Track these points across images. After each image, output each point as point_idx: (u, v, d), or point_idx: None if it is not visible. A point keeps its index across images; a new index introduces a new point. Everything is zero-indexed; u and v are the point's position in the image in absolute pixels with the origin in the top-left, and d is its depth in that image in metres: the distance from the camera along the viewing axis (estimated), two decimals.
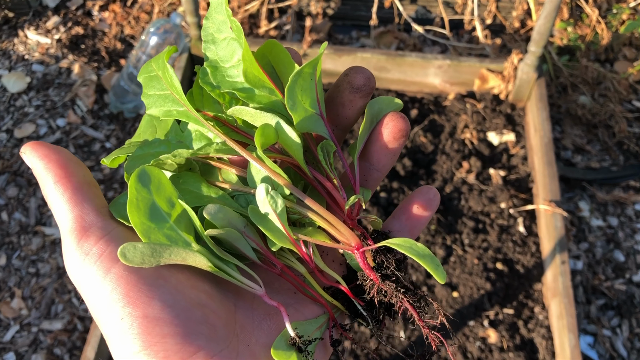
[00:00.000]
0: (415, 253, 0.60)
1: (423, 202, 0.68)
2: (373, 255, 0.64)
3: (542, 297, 2.05)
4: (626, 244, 2.31)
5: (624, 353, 2.07)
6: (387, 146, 0.66)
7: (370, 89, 0.66)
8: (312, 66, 0.62)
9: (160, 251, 0.55)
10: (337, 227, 0.63)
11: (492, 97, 2.50)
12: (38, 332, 2.17)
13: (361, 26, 3.02)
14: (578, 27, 2.85)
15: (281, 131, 0.61)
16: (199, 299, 0.57)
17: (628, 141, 2.57)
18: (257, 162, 0.61)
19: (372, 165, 0.68)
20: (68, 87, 2.81)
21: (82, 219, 0.57)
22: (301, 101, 0.62)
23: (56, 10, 3.11)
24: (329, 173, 0.65)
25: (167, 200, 0.59)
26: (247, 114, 0.62)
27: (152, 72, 0.67)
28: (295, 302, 0.66)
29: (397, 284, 0.63)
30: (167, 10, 3.00)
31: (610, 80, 2.69)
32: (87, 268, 0.55)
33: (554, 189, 2.13)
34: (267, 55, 0.65)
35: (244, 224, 0.62)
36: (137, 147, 0.65)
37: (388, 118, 0.66)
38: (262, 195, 0.60)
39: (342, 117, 0.68)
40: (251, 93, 0.63)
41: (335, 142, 0.66)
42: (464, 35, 2.96)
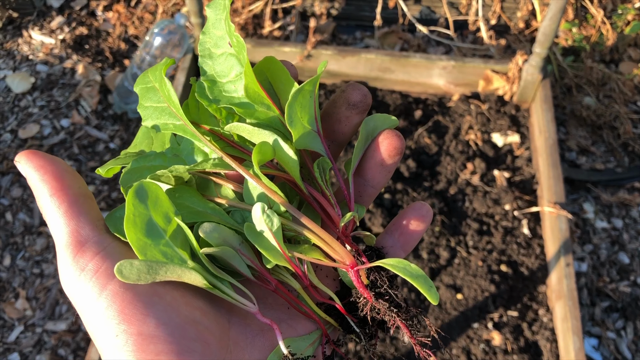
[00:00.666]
0: (408, 274, 0.61)
1: (416, 218, 0.68)
2: (367, 273, 0.65)
3: (546, 300, 2.04)
4: (631, 246, 2.31)
5: (629, 355, 2.06)
6: (382, 163, 0.67)
7: (366, 106, 0.66)
8: (312, 84, 0.63)
9: (157, 268, 0.56)
10: (332, 246, 0.63)
11: (496, 98, 2.50)
12: (42, 333, 2.18)
13: (365, 26, 3.01)
14: (583, 28, 2.84)
15: (278, 148, 0.62)
16: (193, 316, 0.57)
17: (633, 142, 2.56)
18: (253, 180, 0.62)
19: (367, 181, 0.69)
20: (72, 87, 2.81)
21: (78, 233, 0.57)
22: (300, 118, 0.63)
23: (60, 10, 3.11)
24: (325, 190, 0.66)
25: (164, 216, 0.59)
26: (244, 130, 0.62)
27: (149, 83, 0.67)
28: (288, 317, 0.66)
29: (390, 303, 0.64)
30: (171, 10, 3.00)
31: (615, 81, 2.68)
32: (83, 284, 0.55)
33: (558, 191, 2.12)
34: (265, 71, 0.66)
35: (239, 242, 0.63)
36: (132, 158, 0.66)
37: (383, 135, 0.66)
38: (258, 214, 0.61)
39: (338, 133, 0.68)
40: (249, 109, 0.64)
41: (331, 159, 0.66)
42: (468, 35, 2.96)
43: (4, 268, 2.32)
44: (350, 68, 2.54)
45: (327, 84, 2.59)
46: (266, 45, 2.53)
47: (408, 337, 0.64)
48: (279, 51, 2.53)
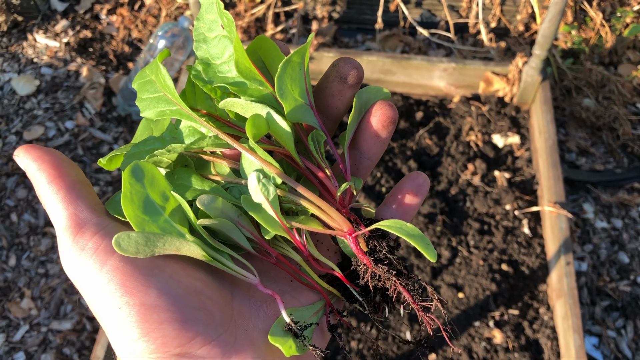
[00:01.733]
0: (405, 233, 0.61)
1: (412, 188, 0.69)
2: (366, 240, 0.65)
3: (547, 298, 2.06)
4: (630, 246, 2.33)
5: (629, 354, 2.08)
6: (376, 134, 0.67)
7: (358, 79, 0.67)
8: (300, 55, 0.63)
9: (154, 240, 0.56)
10: (329, 214, 0.64)
11: (496, 100, 2.52)
12: (47, 332, 2.20)
13: (366, 30, 3.04)
14: (582, 30, 2.87)
15: (272, 121, 0.62)
16: (195, 286, 0.58)
17: (632, 143, 2.58)
18: (249, 153, 0.62)
19: (363, 153, 0.69)
20: (76, 89, 2.83)
21: (77, 216, 0.58)
22: (291, 90, 0.63)
23: (65, 14, 3.14)
24: (320, 162, 0.66)
25: (161, 195, 0.60)
26: (238, 105, 0.63)
27: (145, 77, 0.69)
28: (291, 289, 0.67)
29: (390, 267, 0.64)
30: (175, 14, 3.03)
31: (615, 83, 2.70)
32: (84, 262, 0.56)
33: (558, 191, 2.14)
34: (257, 51, 0.66)
35: (237, 214, 0.63)
36: (132, 146, 0.67)
37: (376, 106, 0.67)
38: (254, 184, 0.61)
39: (331, 107, 0.69)
40: (242, 86, 0.64)
41: (325, 131, 0.67)
42: (468, 38, 2.98)
43: (9, 268, 2.34)
44: None
45: None
46: None
47: (410, 302, 0.64)
48: None
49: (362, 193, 2.22)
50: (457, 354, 1.95)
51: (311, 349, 0.62)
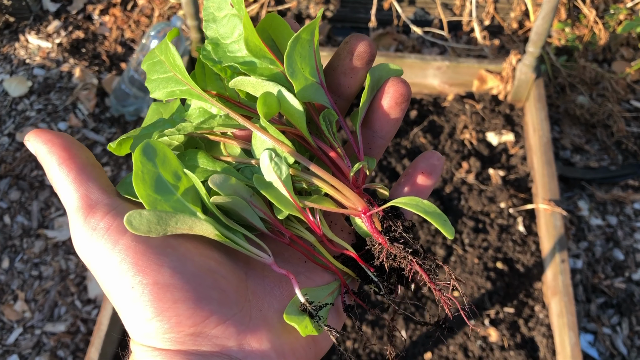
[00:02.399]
0: (422, 210, 0.60)
1: (427, 167, 0.68)
2: (380, 220, 0.64)
3: (542, 296, 2.06)
4: (625, 243, 2.33)
5: (624, 351, 2.08)
6: (389, 112, 0.66)
7: (371, 56, 0.65)
8: (309, 32, 0.61)
9: (167, 219, 0.55)
10: (343, 192, 0.63)
11: (490, 98, 2.52)
12: (41, 335, 2.19)
13: (360, 28, 3.03)
14: (576, 27, 2.87)
15: (283, 100, 0.61)
16: (209, 265, 0.57)
17: (626, 140, 2.58)
18: (260, 132, 0.61)
19: (375, 132, 0.68)
20: (69, 90, 2.82)
21: (88, 197, 0.57)
22: (301, 69, 0.62)
23: (57, 14, 3.12)
24: (333, 142, 0.65)
25: (173, 174, 0.59)
26: (248, 84, 0.62)
27: (155, 58, 0.68)
28: (306, 270, 0.66)
29: (406, 246, 0.63)
30: (168, 13, 3.01)
31: (608, 80, 2.70)
32: (95, 242, 0.55)
33: (553, 189, 2.14)
34: (268, 29, 0.65)
35: (250, 194, 0.62)
36: (142, 128, 0.66)
37: (389, 83, 0.65)
38: (266, 162, 0.60)
39: (343, 86, 0.67)
40: (253, 65, 0.63)
41: (337, 110, 0.65)
42: (462, 36, 2.98)
43: (2, 271, 2.33)
44: None
45: None
46: None
47: (427, 281, 0.62)
48: None
49: None
50: (452, 353, 1.94)
51: (326, 329, 0.61)
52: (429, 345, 1.96)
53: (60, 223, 2.43)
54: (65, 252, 2.36)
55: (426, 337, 1.96)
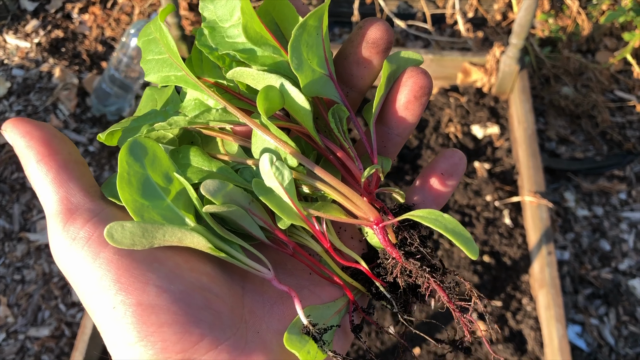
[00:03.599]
0: (442, 226, 0.53)
1: (448, 167, 0.61)
2: (395, 231, 0.58)
3: (529, 289, 2.06)
4: (612, 233, 2.33)
5: (612, 341, 2.08)
6: (408, 107, 0.59)
7: (388, 43, 0.58)
8: (317, 18, 0.55)
9: (153, 231, 0.50)
10: (352, 200, 0.56)
11: (475, 91, 2.51)
12: (25, 340, 2.15)
13: (343, 22, 3.01)
14: (559, 18, 2.86)
15: (287, 95, 0.55)
16: (200, 282, 0.52)
17: (611, 131, 2.58)
18: (261, 130, 0.55)
19: (391, 129, 0.61)
20: (49, 91, 2.78)
21: (69, 200, 0.52)
22: (307, 60, 0.55)
23: (35, 13, 3.08)
24: (343, 142, 0.58)
25: (164, 176, 0.53)
26: (248, 76, 0.55)
27: (150, 34, 0.62)
28: (310, 283, 0.60)
29: (423, 262, 0.56)
30: (148, 11, 2.97)
31: (592, 70, 2.70)
32: (75, 253, 0.50)
33: (538, 181, 2.13)
34: (271, 11, 0.58)
35: (248, 200, 0.56)
36: (132, 119, 0.60)
37: (407, 74, 0.58)
38: (267, 167, 0.54)
39: (356, 77, 0.60)
40: (253, 54, 0.56)
41: (347, 106, 0.58)
42: (446, 29, 2.97)
43: None
44: None
45: None
46: None
47: (446, 301, 0.57)
48: None
49: None
50: (440, 347, 1.93)
51: (331, 354, 0.55)
52: (417, 340, 1.95)
53: (42, 226, 2.39)
54: (48, 255, 2.32)
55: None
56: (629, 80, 2.72)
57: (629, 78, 2.73)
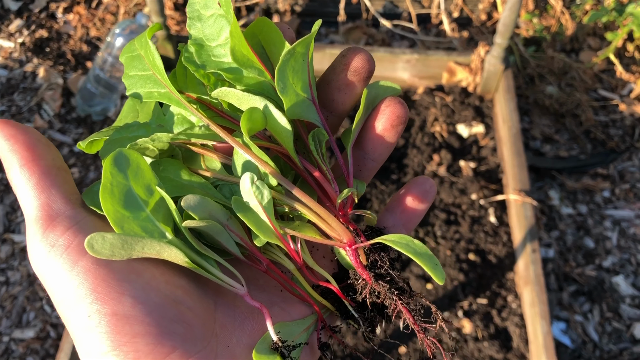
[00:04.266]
0: (412, 251, 0.56)
1: (419, 194, 0.64)
2: (366, 253, 0.60)
3: (514, 286, 2.07)
4: (595, 231, 2.35)
5: (596, 337, 2.10)
6: (384, 134, 0.62)
7: (369, 73, 0.61)
8: (305, 45, 0.57)
9: (132, 243, 0.51)
10: (327, 222, 0.59)
11: (460, 90, 2.52)
12: (10, 342, 2.13)
13: (330, 22, 3.02)
14: (543, 18, 2.89)
15: (270, 116, 0.57)
16: (175, 295, 0.53)
17: (595, 129, 2.61)
18: (243, 149, 0.57)
19: (367, 154, 0.64)
20: (34, 91, 2.76)
21: (49, 206, 0.52)
22: (292, 84, 0.58)
23: (19, 13, 3.05)
24: (321, 164, 0.61)
25: (146, 187, 0.54)
26: (233, 96, 0.57)
27: (134, 51, 0.63)
28: (281, 300, 0.61)
29: (392, 285, 0.59)
30: (133, 11, 2.96)
31: (576, 70, 2.73)
32: (53, 260, 0.51)
33: (523, 179, 2.15)
34: (258, 34, 0.60)
35: (226, 217, 0.58)
36: (114, 130, 0.61)
37: (385, 103, 0.61)
38: (247, 186, 0.56)
39: (337, 102, 0.63)
40: (239, 74, 0.58)
41: (328, 130, 0.61)
42: (431, 29, 2.98)
43: None
44: (316, 63, 2.53)
45: None
46: None
47: (411, 323, 0.59)
48: None
49: None
50: None
51: None
52: (403, 339, 1.95)
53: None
54: None
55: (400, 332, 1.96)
56: (612, 79, 2.75)
57: (612, 77, 2.76)
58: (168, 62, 2.51)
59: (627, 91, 2.72)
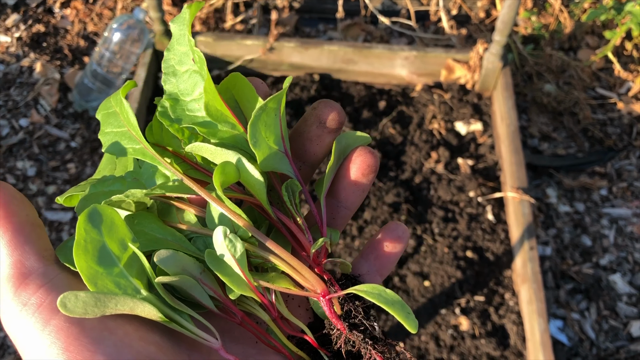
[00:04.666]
0: (384, 301, 0.57)
1: (392, 239, 0.65)
2: (341, 302, 0.61)
3: (512, 284, 2.07)
4: (593, 229, 2.35)
5: (593, 335, 2.11)
6: (356, 183, 0.63)
7: (339, 124, 0.63)
8: (276, 101, 0.59)
9: (105, 301, 0.51)
10: (301, 273, 0.59)
11: (458, 87, 2.52)
12: (4, 338, 2.13)
13: (328, 19, 3.01)
14: (542, 16, 2.89)
15: (243, 169, 0.58)
16: (148, 351, 0.52)
17: (592, 128, 2.61)
18: (216, 203, 0.58)
19: (340, 202, 0.65)
20: (30, 86, 2.74)
21: (22, 264, 0.52)
22: (265, 138, 0.59)
23: (15, 7, 3.03)
24: (294, 214, 0.62)
25: (120, 243, 0.55)
26: (206, 151, 0.58)
27: (110, 108, 0.64)
28: (256, 352, 0.61)
29: (365, 334, 0.60)
30: (131, 6, 2.95)
31: (574, 68, 2.73)
32: (24, 320, 0.50)
33: (521, 177, 2.15)
34: (231, 89, 0.62)
35: (199, 270, 0.58)
36: (91, 185, 0.62)
37: (356, 153, 0.63)
38: (220, 239, 0.56)
39: (309, 153, 0.65)
40: (212, 128, 0.60)
41: (301, 181, 0.63)
42: (430, 26, 2.98)
43: None
44: (314, 60, 2.54)
45: (292, 77, 2.58)
46: (228, 39, 2.51)
47: None
48: (241, 44, 2.51)
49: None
50: (424, 343, 1.94)
51: None
52: (400, 336, 1.95)
53: None
54: None
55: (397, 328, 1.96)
56: (610, 77, 2.75)
57: (610, 76, 2.76)
58: None
59: (625, 89, 2.73)
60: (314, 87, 2.51)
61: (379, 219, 2.16)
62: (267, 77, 2.60)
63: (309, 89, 2.52)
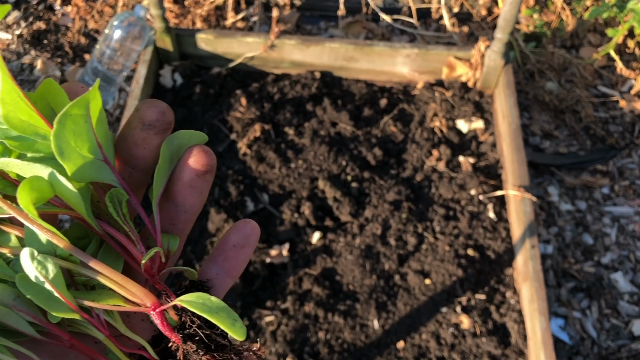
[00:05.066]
0: (207, 310, 0.54)
1: (239, 239, 0.62)
2: (178, 313, 0.58)
3: (513, 282, 2.07)
4: (594, 227, 2.35)
5: (594, 334, 2.10)
6: (192, 184, 0.59)
7: (166, 124, 0.58)
8: (82, 106, 0.54)
9: None
10: (126, 287, 0.55)
11: (460, 85, 2.51)
12: None
13: (329, 17, 3.00)
14: (544, 13, 2.88)
15: (57, 183, 0.53)
16: None
17: (594, 126, 2.60)
18: (28, 221, 0.53)
19: (178, 206, 0.61)
20: (31, 83, 2.74)
21: None
22: (76, 147, 0.54)
23: (16, 5, 3.03)
24: (123, 225, 0.58)
25: None
26: (15, 166, 0.53)
27: None
28: None
29: (199, 345, 0.57)
30: (132, 3, 2.94)
31: (576, 66, 2.72)
32: None
33: (522, 175, 2.14)
34: (47, 96, 0.57)
35: (13, 296, 0.53)
36: None
37: (190, 153, 0.58)
38: (28, 262, 0.52)
39: (137, 157, 0.60)
40: (26, 142, 0.55)
41: (126, 188, 0.58)
42: (431, 24, 2.97)
43: None
44: (315, 58, 2.53)
45: (292, 75, 2.57)
46: (229, 36, 2.50)
47: None
48: (242, 42, 2.50)
49: (328, 182, 2.20)
50: (425, 341, 1.94)
51: None
52: (401, 334, 1.95)
53: None
54: None
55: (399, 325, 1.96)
56: (612, 76, 2.74)
57: (612, 74, 2.76)
58: (167, 55, 2.49)
59: (627, 88, 2.72)
60: (315, 84, 2.51)
61: (379, 217, 2.16)
62: (268, 74, 2.59)
63: (310, 86, 2.51)
